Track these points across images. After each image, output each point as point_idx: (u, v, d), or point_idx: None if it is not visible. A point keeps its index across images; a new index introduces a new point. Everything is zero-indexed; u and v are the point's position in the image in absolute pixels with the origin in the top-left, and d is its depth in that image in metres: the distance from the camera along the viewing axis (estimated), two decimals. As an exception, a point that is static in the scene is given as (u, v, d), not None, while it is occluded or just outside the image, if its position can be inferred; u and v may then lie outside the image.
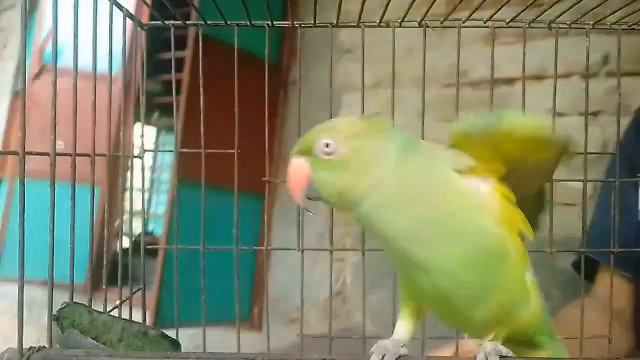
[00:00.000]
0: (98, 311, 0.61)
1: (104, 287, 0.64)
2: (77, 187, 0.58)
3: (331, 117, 0.66)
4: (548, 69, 1.82)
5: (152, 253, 2.56)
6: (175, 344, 0.62)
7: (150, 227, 4.51)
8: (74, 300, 0.59)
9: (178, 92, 1.90)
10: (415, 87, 0.68)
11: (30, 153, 0.53)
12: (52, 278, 0.54)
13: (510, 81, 1.82)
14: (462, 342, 0.69)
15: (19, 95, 2.51)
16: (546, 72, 1.80)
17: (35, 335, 0.61)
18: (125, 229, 2.56)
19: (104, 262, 0.64)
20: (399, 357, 0.48)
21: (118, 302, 0.66)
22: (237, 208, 0.61)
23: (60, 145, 0.54)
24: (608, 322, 0.84)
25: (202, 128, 0.62)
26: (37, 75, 2.45)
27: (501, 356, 0.47)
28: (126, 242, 2.95)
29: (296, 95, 2.20)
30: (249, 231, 0.61)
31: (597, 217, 1.01)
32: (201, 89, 0.62)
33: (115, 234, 2.19)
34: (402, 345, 0.49)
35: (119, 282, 0.67)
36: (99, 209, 1.92)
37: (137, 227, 4.37)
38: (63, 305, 0.58)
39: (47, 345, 0.54)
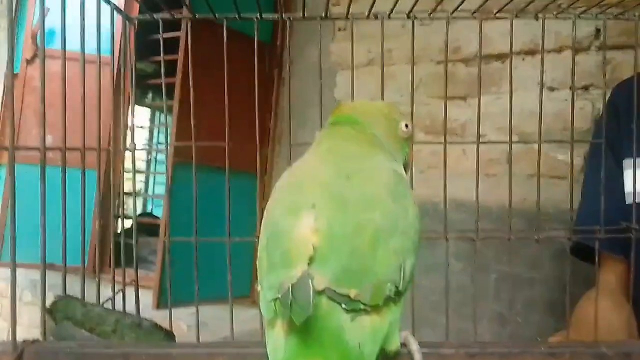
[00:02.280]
0: (91, 303, 0.61)
1: (96, 277, 0.65)
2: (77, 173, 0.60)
3: (322, 99, 0.67)
4: (540, 43, 1.80)
5: (155, 233, 2.58)
6: (169, 335, 0.62)
7: (149, 208, 4.53)
8: (67, 293, 0.60)
9: (173, 73, 1.89)
10: (409, 63, 0.68)
11: (19, 148, 0.54)
12: (45, 272, 0.54)
13: (502, 56, 1.83)
14: None
15: (15, 78, 2.48)
16: (538, 46, 1.79)
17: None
18: (124, 211, 2.57)
19: (96, 247, 0.65)
20: None
21: (115, 293, 0.67)
22: (228, 200, 0.61)
23: (50, 139, 0.55)
24: (619, 311, 0.85)
25: (192, 121, 0.62)
26: (31, 60, 2.42)
27: None
28: (127, 225, 2.97)
29: (291, 73, 2.20)
30: (248, 210, 0.62)
31: (584, 202, 1.02)
32: (191, 91, 0.63)
33: (113, 219, 2.20)
34: None
35: (112, 272, 0.67)
36: (97, 195, 1.93)
37: (136, 209, 4.38)
38: (56, 299, 0.58)
39: (40, 339, 0.55)
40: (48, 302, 0.57)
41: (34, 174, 0.55)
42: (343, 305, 0.42)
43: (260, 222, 0.50)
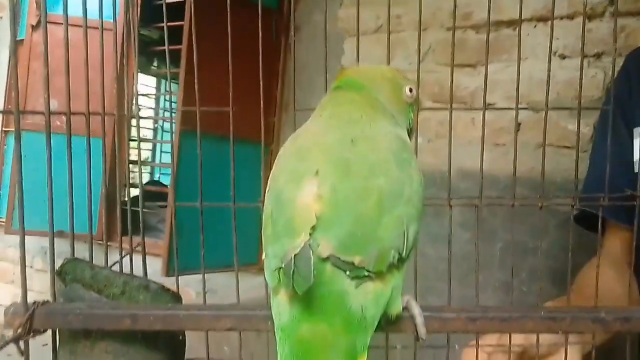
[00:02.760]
0: (99, 266, 0.62)
1: (104, 241, 0.66)
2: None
3: (327, 66, 0.66)
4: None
5: (163, 202, 2.59)
6: (176, 297, 0.63)
7: (156, 176, 4.56)
8: (75, 255, 0.61)
9: (180, 40, 1.87)
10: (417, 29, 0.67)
11: (25, 112, 0.54)
12: (53, 232, 0.55)
13: (513, 23, 1.79)
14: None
15: (20, 45, 2.47)
16: (551, 12, 1.76)
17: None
18: (129, 179, 2.59)
19: (104, 214, 0.66)
20: None
21: (122, 256, 0.67)
22: (233, 165, 0.61)
23: (54, 104, 0.55)
24: (622, 278, 0.85)
25: (196, 86, 0.62)
26: (36, 26, 2.40)
27: None
28: (135, 192, 3.00)
29: (297, 40, 2.17)
30: (254, 179, 0.62)
31: (591, 169, 1.01)
32: (194, 58, 0.62)
33: (119, 187, 2.21)
34: None
35: (119, 237, 0.68)
36: (108, 161, 1.94)
37: (144, 177, 4.41)
38: (65, 261, 0.59)
39: (50, 300, 0.55)
40: (57, 265, 0.58)
41: (43, 141, 0.56)
42: (347, 272, 0.43)
43: (265, 189, 0.50)
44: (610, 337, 0.77)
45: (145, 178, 4.37)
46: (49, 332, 0.57)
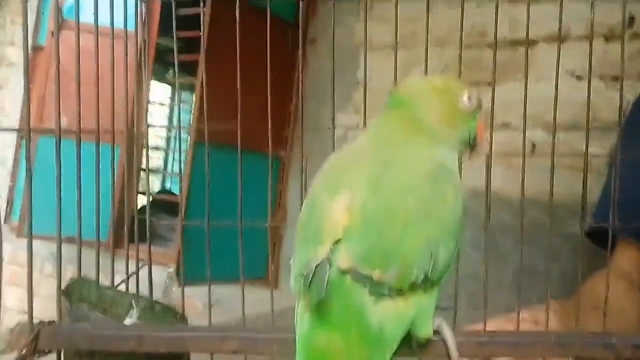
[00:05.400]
0: (105, 286, 0.63)
1: (111, 255, 0.65)
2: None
3: (334, 79, 0.66)
4: (570, 29, 1.75)
5: (174, 211, 2.60)
6: (181, 318, 0.63)
7: (167, 185, 4.58)
8: (85, 267, 0.61)
9: (197, 51, 1.88)
10: (436, 46, 0.66)
11: (36, 130, 0.55)
12: (60, 249, 0.56)
13: (530, 42, 1.78)
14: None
15: (40, 51, 2.51)
16: (567, 33, 1.75)
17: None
18: (139, 189, 2.59)
19: (115, 224, 0.65)
20: None
21: (129, 276, 0.68)
22: (240, 182, 0.61)
23: (64, 122, 0.56)
24: (631, 294, 0.84)
25: (204, 93, 0.62)
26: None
27: None
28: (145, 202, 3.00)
29: (313, 52, 2.18)
30: (266, 191, 0.63)
31: (608, 189, 0.99)
32: (203, 69, 0.63)
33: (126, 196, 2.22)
34: None
35: (126, 253, 0.68)
36: (119, 170, 1.96)
37: (155, 186, 4.43)
38: (71, 281, 0.60)
39: (56, 320, 0.56)
40: (64, 280, 0.59)
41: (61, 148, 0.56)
42: (366, 287, 0.44)
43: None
44: None
45: (157, 186, 4.39)
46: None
